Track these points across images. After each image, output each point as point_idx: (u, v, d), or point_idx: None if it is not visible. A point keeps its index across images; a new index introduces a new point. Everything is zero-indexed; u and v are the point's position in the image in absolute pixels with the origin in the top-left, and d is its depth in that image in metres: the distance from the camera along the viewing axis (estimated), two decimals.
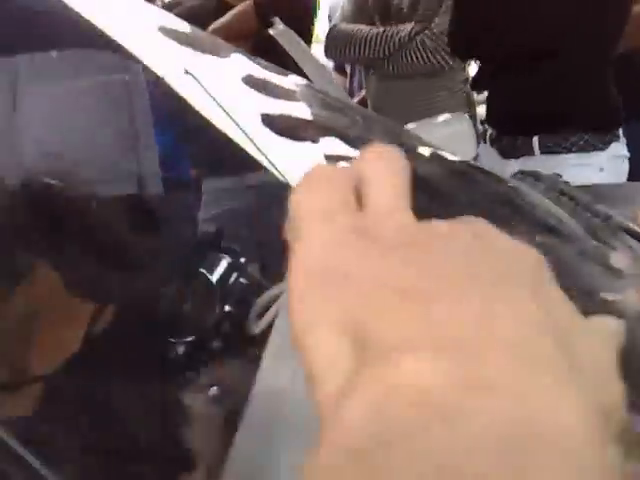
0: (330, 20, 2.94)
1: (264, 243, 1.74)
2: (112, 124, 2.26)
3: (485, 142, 2.09)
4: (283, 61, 1.99)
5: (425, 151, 1.18)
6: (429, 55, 2.39)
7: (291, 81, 1.27)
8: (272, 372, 0.72)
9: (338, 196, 0.30)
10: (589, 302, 0.72)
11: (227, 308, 1.18)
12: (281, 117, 1.00)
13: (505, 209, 0.95)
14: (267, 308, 0.91)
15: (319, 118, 1.12)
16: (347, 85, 3.06)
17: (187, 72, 0.91)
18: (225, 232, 1.48)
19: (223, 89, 1.02)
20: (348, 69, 3.07)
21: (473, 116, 2.53)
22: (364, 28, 2.49)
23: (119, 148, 2.26)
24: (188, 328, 1.14)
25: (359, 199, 0.31)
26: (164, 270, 1.39)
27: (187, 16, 2.45)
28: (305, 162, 0.95)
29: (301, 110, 1.14)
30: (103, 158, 2.10)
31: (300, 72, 1.99)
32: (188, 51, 1.14)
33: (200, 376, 1.16)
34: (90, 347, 1.10)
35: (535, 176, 1.16)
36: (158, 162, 2.45)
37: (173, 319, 1.16)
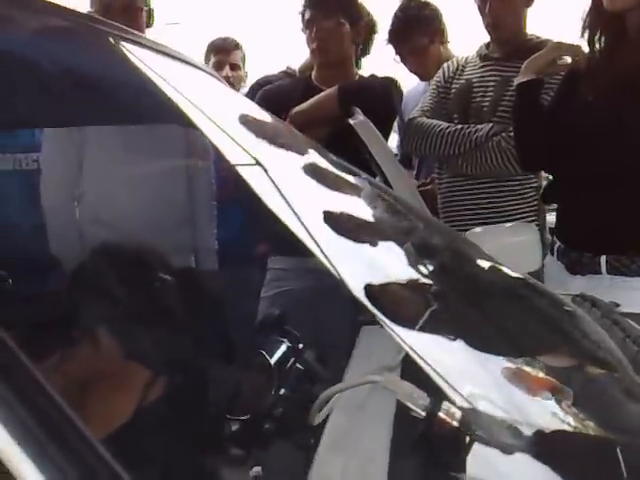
0: (401, 112, 3.08)
1: (320, 327, 1.84)
2: (170, 197, 2.42)
3: (552, 254, 2.18)
4: (360, 149, 2.12)
5: (484, 263, 1.29)
6: (503, 157, 2.49)
7: (359, 180, 1.39)
8: (326, 462, 0.81)
9: None
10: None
11: (282, 392, 1.27)
12: (342, 216, 1.11)
13: (555, 333, 1.04)
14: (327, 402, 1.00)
15: (380, 221, 1.24)
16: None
17: (258, 163, 1.03)
18: (283, 314, 1.59)
19: (291, 182, 1.14)
20: (416, 163, 3.20)
21: (542, 225, 2.61)
22: (443, 124, 2.62)
23: (176, 221, 2.41)
24: (244, 407, 1.23)
25: None
26: (224, 345, 1.49)
27: (276, 94, 2.64)
28: (362, 263, 1.06)
29: (363, 210, 1.26)
30: (159, 231, 2.24)
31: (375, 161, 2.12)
32: (263, 143, 1.27)
33: (249, 455, 1.26)
34: (145, 416, 1.19)
35: (593, 301, 1.24)
36: (224, 238, 2.60)
37: (231, 396, 1.26)
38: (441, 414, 0.70)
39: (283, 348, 1.34)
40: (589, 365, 0.96)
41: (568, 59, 2.17)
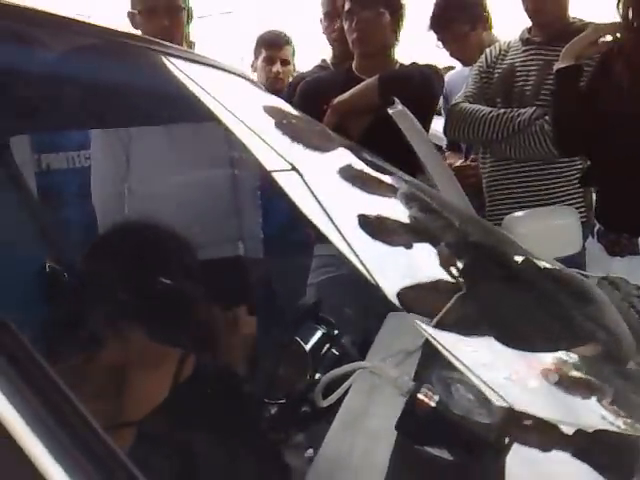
0: (446, 96, 3.12)
1: (363, 313, 1.91)
2: (214, 189, 2.50)
3: (593, 236, 2.21)
4: (402, 138, 2.18)
5: (518, 258, 1.34)
6: (546, 140, 2.50)
7: (395, 180, 1.45)
8: (336, 441, 0.89)
9: None
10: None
11: (317, 376, 1.34)
12: (377, 219, 1.18)
13: (559, 321, 1.10)
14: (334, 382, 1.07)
15: (415, 221, 1.30)
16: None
17: (294, 168, 1.11)
18: (324, 301, 1.66)
19: (326, 186, 1.21)
20: (464, 147, 3.23)
21: (588, 206, 2.62)
22: (485, 109, 2.65)
23: (221, 212, 2.50)
24: (280, 391, 1.31)
25: None
26: (263, 331, 1.57)
27: (317, 86, 2.70)
28: (396, 267, 1.13)
29: (399, 211, 1.32)
30: (206, 221, 2.32)
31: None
32: (298, 147, 1.35)
33: (291, 437, 1.33)
34: (182, 397, 1.26)
35: (616, 284, 1.29)
36: (269, 226, 2.67)
37: (268, 380, 1.34)
38: (421, 396, 0.77)
39: (318, 335, 1.42)
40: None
41: (609, 38, 2.19)
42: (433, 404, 0.78)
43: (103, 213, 2.39)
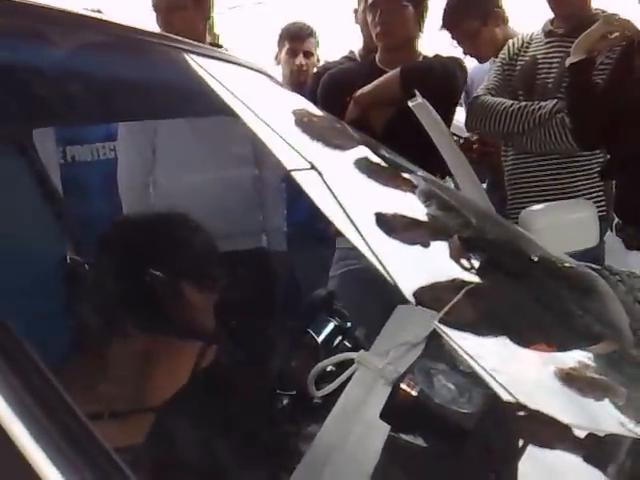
0: (468, 89, 3.11)
1: (378, 306, 1.92)
2: (239, 183, 2.52)
3: (612, 230, 2.21)
4: (424, 130, 2.18)
5: (530, 255, 1.35)
6: (567, 134, 2.50)
7: (413, 177, 1.47)
8: (333, 427, 0.91)
9: None
10: None
11: (329, 368, 1.36)
12: (395, 217, 1.19)
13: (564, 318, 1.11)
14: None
15: (433, 218, 1.32)
16: None
17: (313, 167, 1.13)
18: (343, 294, 1.67)
19: (344, 184, 1.23)
20: None
21: (609, 200, 2.61)
22: (506, 101, 2.65)
23: (246, 204, 2.51)
24: (292, 382, 1.33)
25: None
26: (276, 324, 1.59)
27: (341, 77, 2.71)
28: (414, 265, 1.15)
29: (417, 208, 1.33)
30: (230, 213, 2.34)
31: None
32: (318, 145, 1.37)
33: (303, 428, 1.35)
34: (198, 386, 1.28)
35: (620, 277, 1.30)
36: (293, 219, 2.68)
37: (280, 371, 1.36)
38: (404, 386, 0.79)
39: (331, 327, 1.43)
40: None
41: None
42: (415, 393, 0.80)
43: (129, 205, 2.43)
